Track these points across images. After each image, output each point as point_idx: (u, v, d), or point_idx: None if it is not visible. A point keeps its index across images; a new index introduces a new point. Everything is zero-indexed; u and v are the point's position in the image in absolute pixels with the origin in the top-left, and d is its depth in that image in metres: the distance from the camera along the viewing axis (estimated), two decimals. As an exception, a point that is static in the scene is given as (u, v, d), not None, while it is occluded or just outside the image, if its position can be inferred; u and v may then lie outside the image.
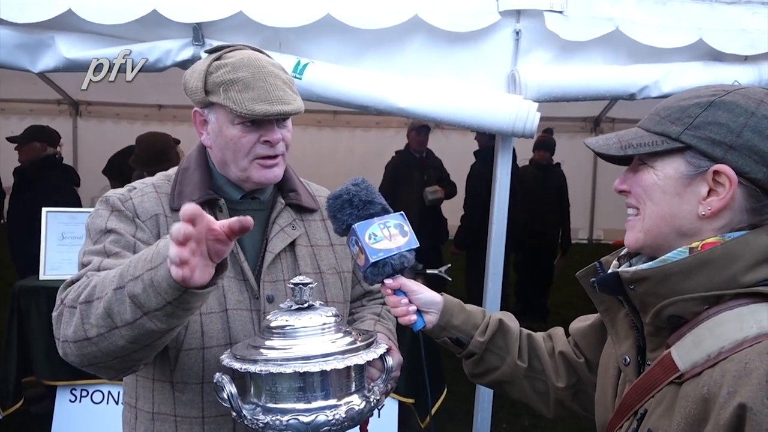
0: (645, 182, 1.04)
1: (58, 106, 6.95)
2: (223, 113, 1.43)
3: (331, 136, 7.21)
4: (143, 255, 1.18)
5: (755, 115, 0.97)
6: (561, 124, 6.97)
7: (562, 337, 1.44)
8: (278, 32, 2.79)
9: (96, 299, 1.21)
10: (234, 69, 1.40)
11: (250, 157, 1.45)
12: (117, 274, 1.20)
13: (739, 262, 0.95)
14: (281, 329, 1.27)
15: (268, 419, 1.23)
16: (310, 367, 1.18)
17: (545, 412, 1.41)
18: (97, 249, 1.38)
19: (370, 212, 1.32)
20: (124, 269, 1.19)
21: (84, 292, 1.24)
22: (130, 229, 1.42)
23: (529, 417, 4.37)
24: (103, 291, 1.20)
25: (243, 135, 1.43)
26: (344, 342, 1.27)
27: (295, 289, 1.32)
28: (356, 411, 1.26)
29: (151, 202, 1.48)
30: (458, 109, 2.84)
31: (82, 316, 1.22)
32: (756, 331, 0.90)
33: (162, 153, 4.12)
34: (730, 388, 0.85)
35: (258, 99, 1.38)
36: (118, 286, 1.17)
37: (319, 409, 1.22)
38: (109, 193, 1.51)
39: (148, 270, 1.13)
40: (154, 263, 1.12)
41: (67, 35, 2.78)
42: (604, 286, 1.10)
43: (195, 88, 1.44)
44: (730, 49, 2.89)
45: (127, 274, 1.17)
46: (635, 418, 1.03)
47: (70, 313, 1.25)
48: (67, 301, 1.27)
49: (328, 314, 1.31)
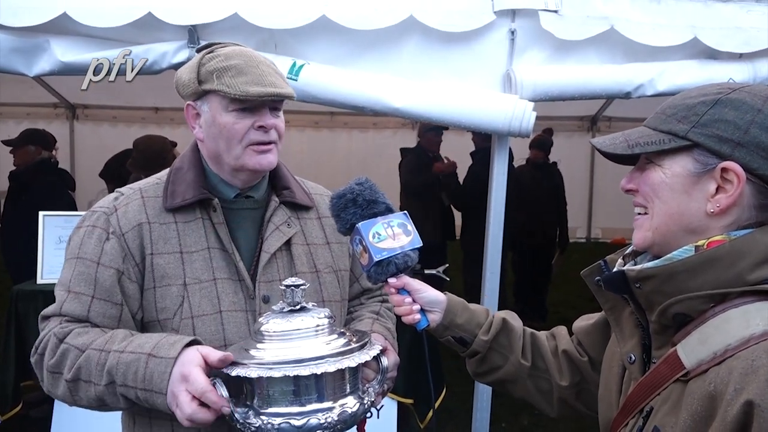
0: (653, 181, 1.05)
1: (55, 109, 6.91)
2: (216, 101, 1.43)
3: (328, 138, 7.20)
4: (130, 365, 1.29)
5: (762, 112, 0.97)
6: (558, 124, 6.98)
7: (566, 335, 1.45)
8: (274, 34, 2.79)
9: (83, 381, 1.34)
10: (227, 58, 1.42)
11: (244, 143, 1.45)
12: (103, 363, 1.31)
13: (745, 259, 0.96)
14: (273, 332, 1.27)
15: (259, 423, 1.22)
16: (300, 370, 1.18)
17: (549, 410, 1.41)
18: (65, 280, 1.44)
19: (374, 211, 1.32)
20: (111, 365, 1.30)
21: (64, 364, 1.36)
22: (96, 252, 1.43)
23: (529, 416, 4.37)
24: (90, 375, 1.33)
25: (237, 121, 1.43)
26: (338, 344, 1.26)
27: (287, 291, 1.31)
28: (349, 414, 1.26)
29: (134, 211, 1.46)
30: (454, 109, 2.84)
31: (70, 391, 1.36)
32: (762, 329, 0.90)
33: (159, 156, 4.11)
34: (737, 385, 0.86)
35: (252, 82, 1.39)
36: (107, 382, 1.31)
37: (312, 413, 1.22)
38: (96, 206, 1.51)
39: (141, 389, 1.28)
40: (147, 387, 1.27)
41: (62, 39, 2.77)
42: (609, 284, 1.10)
43: (187, 80, 1.45)
44: (724, 47, 2.90)
45: (116, 377, 1.30)
46: (641, 415, 1.03)
47: (52, 378, 1.38)
48: (44, 359, 1.39)
49: (320, 316, 1.31)
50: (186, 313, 1.41)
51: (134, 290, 1.43)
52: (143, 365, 1.27)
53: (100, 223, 1.45)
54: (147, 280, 1.43)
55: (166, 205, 1.47)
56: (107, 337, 1.35)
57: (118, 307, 1.41)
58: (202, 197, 1.47)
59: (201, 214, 1.49)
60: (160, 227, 1.45)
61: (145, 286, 1.44)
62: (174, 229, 1.46)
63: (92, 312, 1.40)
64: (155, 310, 1.43)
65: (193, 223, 1.47)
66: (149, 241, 1.44)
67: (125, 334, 1.37)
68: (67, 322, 1.40)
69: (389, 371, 1.42)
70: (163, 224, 1.46)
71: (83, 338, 1.36)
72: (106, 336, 1.36)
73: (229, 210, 1.51)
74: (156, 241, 1.44)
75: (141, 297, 1.44)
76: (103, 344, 1.34)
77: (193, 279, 1.43)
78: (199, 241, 1.46)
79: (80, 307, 1.40)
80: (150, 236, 1.44)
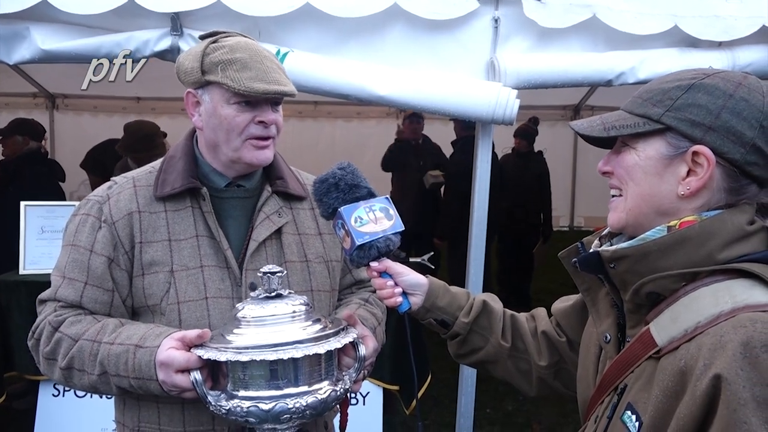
0: (627, 163, 1.07)
1: (34, 99, 6.79)
2: (218, 93, 1.44)
3: (312, 127, 7.18)
4: (120, 357, 1.35)
5: (733, 97, 1.00)
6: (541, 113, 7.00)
7: (545, 317, 1.47)
8: (257, 21, 2.77)
9: (77, 370, 1.40)
10: (232, 50, 1.43)
11: (244, 136, 1.47)
12: (95, 353, 1.37)
13: (715, 239, 0.98)
14: (250, 318, 1.29)
15: (229, 406, 1.25)
16: (268, 355, 1.20)
17: (528, 390, 1.44)
18: (60, 266, 1.48)
19: (356, 196, 1.33)
20: (103, 356, 1.37)
21: (58, 352, 1.42)
22: (89, 241, 1.47)
23: (513, 401, 4.43)
24: (83, 365, 1.39)
25: (238, 114, 1.44)
26: (312, 330, 1.28)
27: (263, 278, 1.33)
28: (319, 400, 1.27)
29: (126, 200, 1.50)
30: (438, 96, 2.85)
31: (65, 377, 1.42)
32: (731, 306, 0.93)
33: (149, 139, 4.08)
34: (706, 360, 0.88)
35: (256, 78, 1.41)
36: (100, 372, 1.37)
37: (281, 397, 1.23)
38: (91, 195, 1.55)
39: (134, 378, 1.34)
40: (139, 375, 1.33)
41: (42, 26, 2.74)
42: (584, 265, 1.12)
43: (190, 68, 1.45)
44: (704, 36, 2.93)
45: (108, 368, 1.36)
46: (616, 393, 1.06)
47: (48, 364, 1.45)
48: (39, 345, 1.45)
49: (296, 302, 1.32)
50: (172, 299, 1.44)
51: (123, 278, 1.47)
52: (132, 356, 1.33)
53: (94, 211, 1.49)
54: (136, 267, 1.47)
55: (155, 193, 1.49)
56: (98, 327, 1.40)
57: (109, 294, 1.46)
58: (191, 186, 1.49)
59: (191, 202, 1.51)
60: (150, 216, 1.48)
61: (134, 273, 1.47)
62: (164, 218, 1.48)
63: (85, 298, 1.45)
64: (144, 297, 1.46)
65: (183, 211, 1.50)
66: (139, 229, 1.47)
67: (115, 324, 1.42)
68: (62, 308, 1.45)
69: (367, 359, 1.43)
70: (153, 213, 1.49)
71: (76, 328, 1.41)
72: (98, 326, 1.41)
73: (219, 199, 1.52)
74: (146, 230, 1.47)
75: (130, 284, 1.47)
76: (95, 335, 1.39)
77: (180, 266, 1.46)
78: (188, 229, 1.49)
79: (74, 293, 1.45)
80: (140, 225, 1.47)
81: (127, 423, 1.51)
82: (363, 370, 1.43)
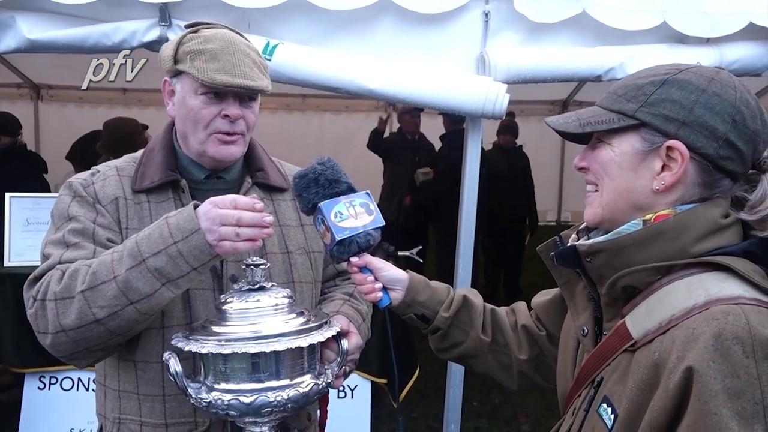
0: (602, 158, 1.07)
1: (18, 89, 6.62)
2: (188, 82, 1.44)
3: (300, 120, 7.13)
4: (152, 234, 1.27)
5: (706, 92, 1.00)
6: (529, 107, 7.03)
7: (525, 311, 1.48)
8: (247, 12, 2.75)
9: (102, 283, 1.26)
10: (206, 41, 1.42)
11: (209, 130, 1.46)
12: (119, 258, 1.27)
13: (689, 233, 0.99)
14: (232, 310, 1.29)
15: (210, 398, 1.24)
16: (249, 348, 1.19)
17: (509, 383, 1.45)
18: (56, 239, 1.40)
19: (336, 191, 1.33)
20: (131, 250, 1.27)
21: (75, 280, 1.28)
22: (91, 215, 1.44)
23: (500, 395, 4.46)
24: (110, 275, 1.26)
25: (204, 106, 1.44)
26: (295, 324, 1.28)
27: (246, 270, 1.33)
28: (301, 394, 1.27)
29: (112, 186, 1.48)
30: (428, 90, 2.85)
31: (87, 301, 1.26)
32: (704, 299, 0.93)
33: (129, 138, 4.03)
34: (679, 353, 0.89)
35: (222, 70, 1.39)
36: (132, 265, 1.26)
37: (262, 390, 1.23)
38: (72, 179, 1.52)
39: (172, 244, 1.24)
40: (178, 238, 1.24)
41: (28, 15, 2.70)
42: (561, 259, 1.13)
43: (166, 56, 1.45)
44: (692, 32, 2.95)
45: (141, 252, 1.26)
46: (592, 386, 1.07)
47: (62, 304, 1.28)
48: (47, 294, 1.29)
49: (279, 295, 1.32)
50: None
51: None
52: (165, 226, 1.27)
53: (81, 191, 1.46)
54: None
55: (134, 186, 1.49)
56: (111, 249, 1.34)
57: None
58: (169, 179, 1.49)
59: (173, 194, 1.50)
60: (135, 205, 1.48)
61: None
62: (147, 209, 1.48)
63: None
64: None
65: (165, 203, 1.49)
66: (125, 215, 1.46)
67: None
68: None
69: (350, 354, 1.43)
70: (137, 203, 1.48)
71: (91, 259, 1.33)
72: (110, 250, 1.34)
73: (198, 191, 1.52)
74: (131, 217, 1.47)
75: None
76: (113, 249, 1.32)
77: None
78: None
79: (84, 253, 1.37)
80: (126, 212, 1.47)
81: (108, 415, 1.50)
82: (345, 366, 1.44)
